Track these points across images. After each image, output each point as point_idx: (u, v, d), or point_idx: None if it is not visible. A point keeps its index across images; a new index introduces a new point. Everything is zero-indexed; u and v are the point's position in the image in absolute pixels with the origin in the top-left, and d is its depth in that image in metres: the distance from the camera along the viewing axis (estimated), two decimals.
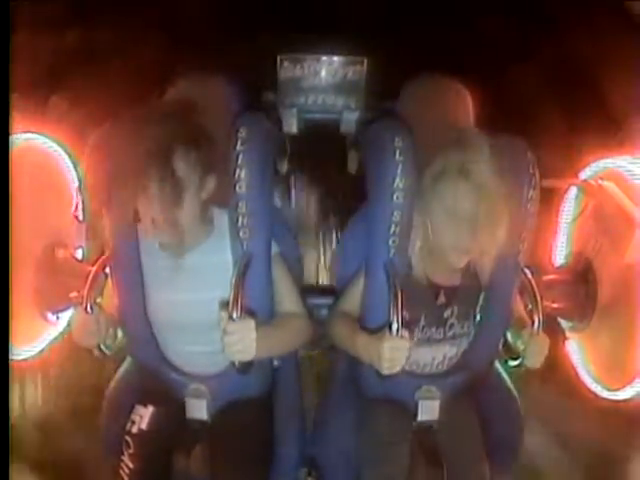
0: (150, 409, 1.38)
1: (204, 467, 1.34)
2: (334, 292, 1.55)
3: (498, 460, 1.44)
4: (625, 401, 1.52)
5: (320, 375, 1.60)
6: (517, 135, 1.39)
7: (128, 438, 1.35)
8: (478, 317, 1.41)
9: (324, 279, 2.35)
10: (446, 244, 1.28)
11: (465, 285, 1.40)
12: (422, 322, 1.37)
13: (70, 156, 1.71)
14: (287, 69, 2.11)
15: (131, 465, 1.31)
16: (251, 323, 1.18)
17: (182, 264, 1.33)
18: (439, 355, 1.41)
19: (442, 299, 1.38)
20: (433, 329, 1.38)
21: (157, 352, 1.41)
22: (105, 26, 1.95)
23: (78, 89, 1.93)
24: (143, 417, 1.37)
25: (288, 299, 1.40)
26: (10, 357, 1.43)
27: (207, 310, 1.27)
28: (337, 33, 2.17)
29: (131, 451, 1.33)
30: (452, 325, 1.39)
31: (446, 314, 1.38)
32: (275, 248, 1.39)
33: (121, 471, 1.31)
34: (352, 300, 1.41)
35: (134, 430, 1.35)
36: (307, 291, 1.51)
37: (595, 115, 1.69)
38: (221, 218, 1.36)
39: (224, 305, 1.21)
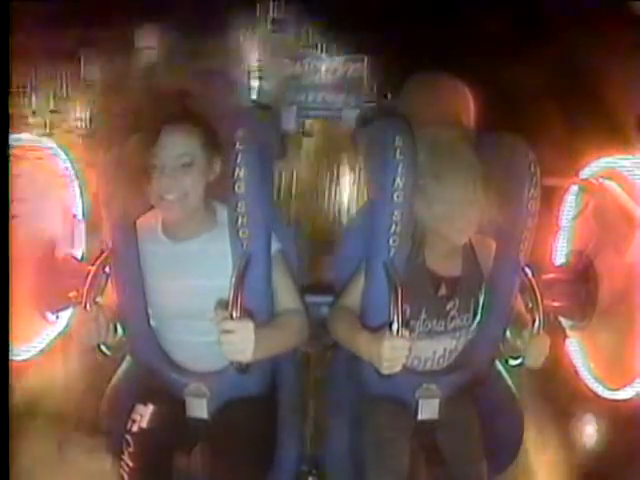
0: (150, 408, 1.38)
1: (204, 466, 1.34)
2: (334, 290, 1.55)
3: (497, 459, 1.44)
4: (625, 401, 1.52)
5: (320, 375, 1.60)
6: (518, 133, 1.39)
7: (128, 437, 1.34)
8: (479, 315, 1.41)
9: (323, 278, 2.35)
10: (444, 225, 1.30)
11: (466, 275, 1.40)
12: (423, 315, 1.37)
13: (69, 156, 1.71)
14: (287, 66, 2.10)
15: (131, 464, 1.31)
16: (250, 324, 1.18)
17: (183, 251, 1.36)
18: (440, 349, 1.41)
19: (443, 291, 1.38)
20: (434, 321, 1.38)
21: (158, 350, 1.41)
22: (104, 26, 1.94)
23: (77, 89, 1.93)
24: (143, 416, 1.36)
25: (287, 297, 1.40)
26: (10, 357, 1.43)
27: (208, 298, 1.28)
28: (337, 30, 2.16)
29: (131, 450, 1.32)
30: (453, 317, 1.39)
31: (448, 306, 1.38)
32: (275, 245, 1.39)
33: (121, 470, 1.31)
34: (353, 296, 1.41)
35: (134, 429, 1.35)
36: (307, 289, 1.51)
37: (596, 114, 1.69)
38: (223, 213, 1.37)
39: (222, 304, 1.21)
